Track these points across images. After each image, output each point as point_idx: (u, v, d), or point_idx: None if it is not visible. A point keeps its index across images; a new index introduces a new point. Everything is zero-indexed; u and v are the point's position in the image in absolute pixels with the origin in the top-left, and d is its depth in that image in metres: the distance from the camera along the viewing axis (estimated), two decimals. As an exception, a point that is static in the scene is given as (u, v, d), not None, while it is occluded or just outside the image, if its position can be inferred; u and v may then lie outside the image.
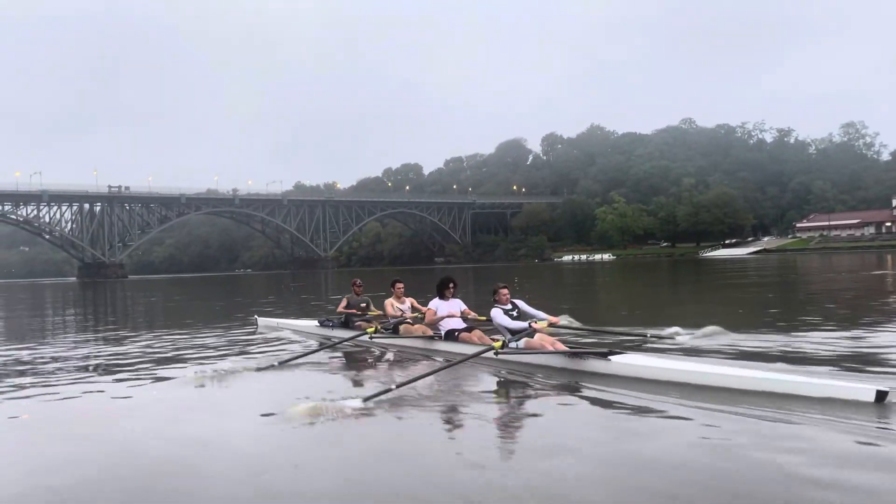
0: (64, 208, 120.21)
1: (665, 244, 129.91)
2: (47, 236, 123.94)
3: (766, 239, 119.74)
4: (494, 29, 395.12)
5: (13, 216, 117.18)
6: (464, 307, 9.21)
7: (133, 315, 22.16)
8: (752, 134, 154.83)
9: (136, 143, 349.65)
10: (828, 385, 5.60)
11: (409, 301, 10.61)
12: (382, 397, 6.09)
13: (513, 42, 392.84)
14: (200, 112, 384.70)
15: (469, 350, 7.90)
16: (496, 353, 7.55)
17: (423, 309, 9.70)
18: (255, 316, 14.57)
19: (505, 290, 8.31)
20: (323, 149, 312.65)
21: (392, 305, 10.37)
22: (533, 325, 7.84)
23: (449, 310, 9.01)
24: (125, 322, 18.80)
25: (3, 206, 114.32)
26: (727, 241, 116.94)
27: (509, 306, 8.26)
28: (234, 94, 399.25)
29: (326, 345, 9.98)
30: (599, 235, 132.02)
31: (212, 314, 20.20)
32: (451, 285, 9.20)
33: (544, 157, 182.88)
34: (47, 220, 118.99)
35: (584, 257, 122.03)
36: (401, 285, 10.61)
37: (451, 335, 8.73)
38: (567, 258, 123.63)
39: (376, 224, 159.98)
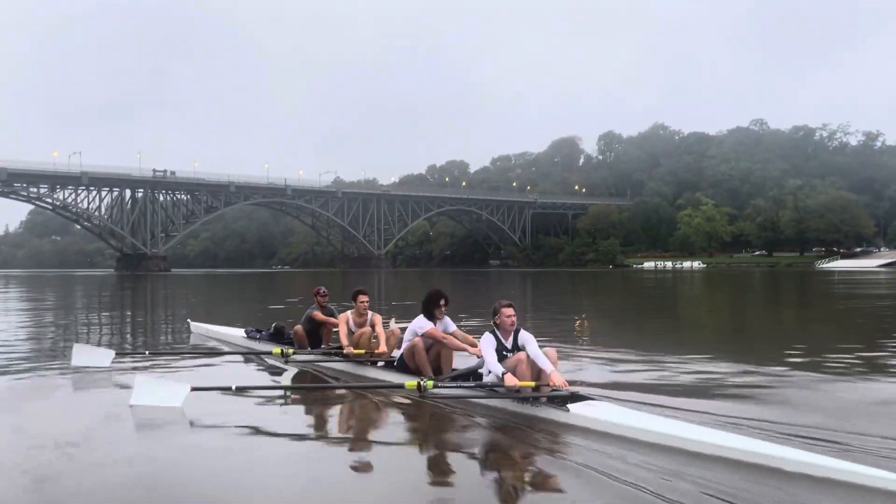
0: (104, 193, 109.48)
1: (758, 252, 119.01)
2: (85, 223, 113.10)
3: (880, 250, 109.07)
4: (548, 23, 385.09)
5: (49, 200, 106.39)
6: (453, 328, 7.11)
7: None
8: (835, 136, 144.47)
9: (182, 130, 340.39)
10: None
11: (370, 318, 8.19)
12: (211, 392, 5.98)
13: (567, 37, 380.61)
14: (248, 101, 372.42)
15: (396, 380, 6.64)
16: (420, 394, 6.08)
17: (384, 335, 7.84)
18: (188, 320, 13.13)
19: (510, 312, 6.14)
20: (363, 145, 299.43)
21: (347, 323, 8.20)
22: (507, 377, 5.75)
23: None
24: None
25: (38, 188, 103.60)
26: (837, 251, 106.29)
27: (509, 342, 6.17)
28: (281, 85, 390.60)
29: (222, 352, 9.48)
30: (680, 240, 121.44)
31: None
32: (443, 302, 7.03)
33: (599, 157, 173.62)
34: (85, 206, 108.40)
35: (668, 264, 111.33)
36: (364, 298, 8.25)
37: (401, 360, 7.16)
38: (648, 265, 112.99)
39: (424, 222, 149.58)
